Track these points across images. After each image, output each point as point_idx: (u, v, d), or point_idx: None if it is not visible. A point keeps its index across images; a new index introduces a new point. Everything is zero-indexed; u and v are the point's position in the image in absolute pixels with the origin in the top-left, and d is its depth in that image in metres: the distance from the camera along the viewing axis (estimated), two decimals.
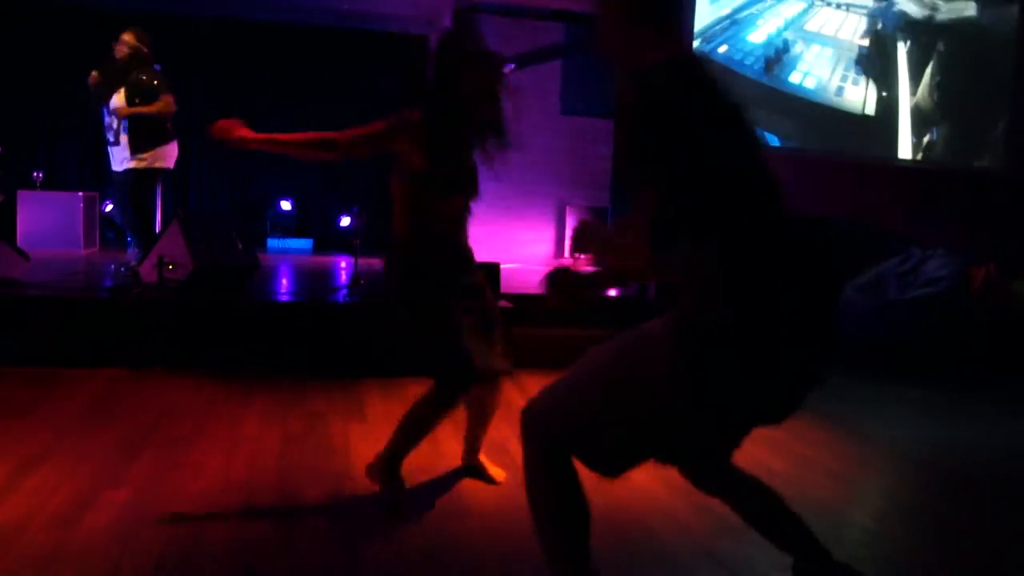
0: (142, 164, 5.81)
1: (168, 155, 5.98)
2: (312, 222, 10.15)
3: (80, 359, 4.78)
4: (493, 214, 9.01)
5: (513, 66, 9.35)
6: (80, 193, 8.25)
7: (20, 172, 8.20)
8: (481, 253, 8.92)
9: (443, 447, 3.66)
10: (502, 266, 5.56)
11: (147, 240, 5.69)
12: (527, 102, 9.54)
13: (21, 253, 5.60)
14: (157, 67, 6.00)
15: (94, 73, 5.87)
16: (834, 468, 3.67)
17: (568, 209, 9.00)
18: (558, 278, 1.87)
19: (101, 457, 3.32)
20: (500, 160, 3.11)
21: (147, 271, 5.23)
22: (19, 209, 8.05)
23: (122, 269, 5.94)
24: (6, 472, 3.09)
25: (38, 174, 8.30)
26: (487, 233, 8.99)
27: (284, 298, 5.67)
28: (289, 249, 9.48)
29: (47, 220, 8.01)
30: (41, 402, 4.09)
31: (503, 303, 5.32)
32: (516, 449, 3.58)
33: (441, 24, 9.42)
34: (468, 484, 3.22)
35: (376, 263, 7.53)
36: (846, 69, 9.16)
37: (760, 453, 3.79)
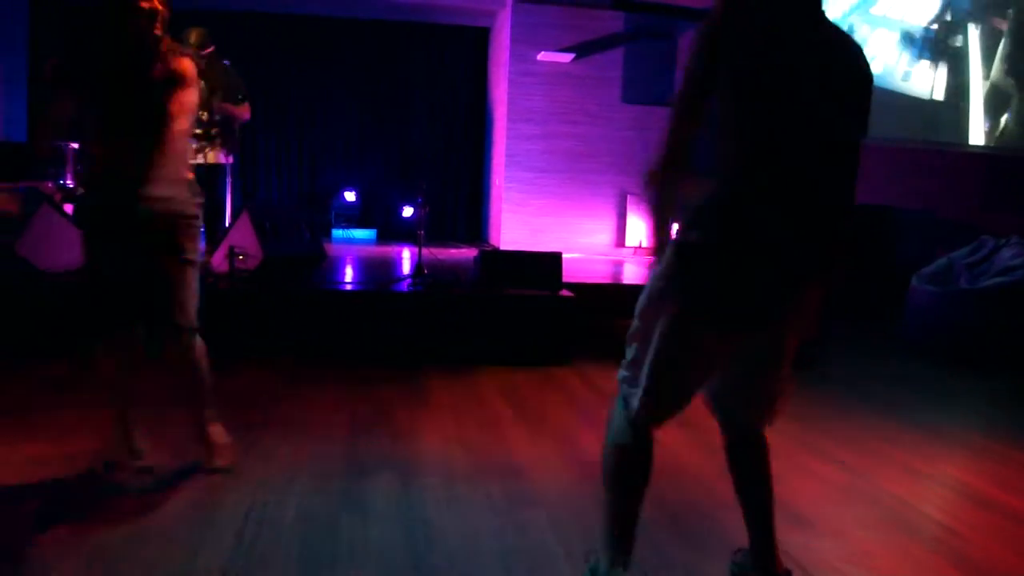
0: (212, 159, 5.89)
1: (232, 150, 6.08)
2: (375, 213, 10.31)
3: None
4: (553, 204, 9.04)
5: (573, 56, 9.32)
6: None
7: None
8: (542, 243, 8.99)
9: (509, 436, 3.70)
10: (564, 256, 5.57)
11: (216, 233, 5.83)
12: (587, 92, 9.57)
13: None
14: (226, 62, 6.12)
15: None
16: (906, 460, 3.62)
17: (629, 199, 8.97)
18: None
19: (180, 439, 3.44)
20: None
21: (218, 261, 5.38)
22: None
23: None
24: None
25: None
26: (548, 223, 9.05)
27: (350, 287, 5.77)
28: (353, 239, 9.65)
29: None
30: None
31: (565, 293, 5.34)
32: (584, 440, 3.63)
33: (502, 16, 9.46)
34: (535, 474, 3.25)
35: (440, 253, 7.64)
36: (913, 53, 8.93)
37: (827, 445, 3.77)
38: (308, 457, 3.31)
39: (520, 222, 9.01)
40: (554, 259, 5.38)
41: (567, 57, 8.89)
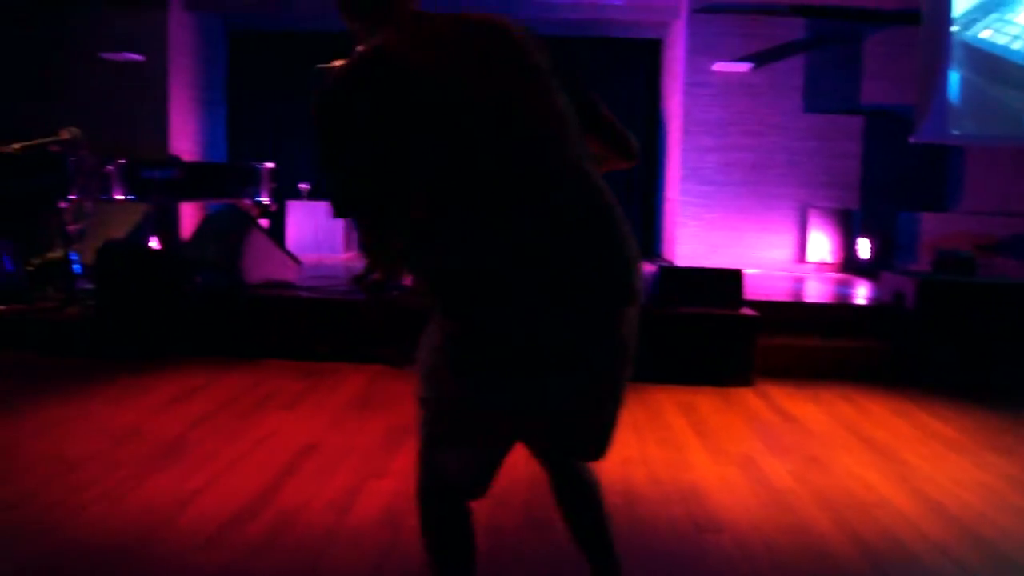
0: None
1: None
2: None
3: (344, 356, 5.23)
4: (731, 218, 8.79)
5: (752, 65, 9.06)
6: None
7: (289, 184, 9.06)
8: (719, 258, 8.75)
9: (691, 457, 3.61)
10: (747, 272, 5.39)
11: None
12: (767, 102, 9.27)
13: (294, 258, 6.18)
14: None
15: None
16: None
17: (811, 212, 8.58)
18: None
19: (367, 448, 3.58)
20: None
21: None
22: (288, 218, 8.91)
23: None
24: (288, 456, 3.42)
25: (305, 186, 9.13)
26: (725, 238, 8.81)
27: None
28: None
29: (312, 228, 8.80)
30: (312, 394, 4.50)
31: (746, 311, 5.16)
32: (767, 465, 3.49)
33: (675, 26, 9.33)
34: (720, 498, 3.15)
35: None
36: None
37: (953, 470, 3.43)
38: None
39: (696, 236, 8.81)
40: (735, 276, 5.22)
41: (745, 66, 8.64)
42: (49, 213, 6.40)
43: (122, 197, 6.56)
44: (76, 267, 6.05)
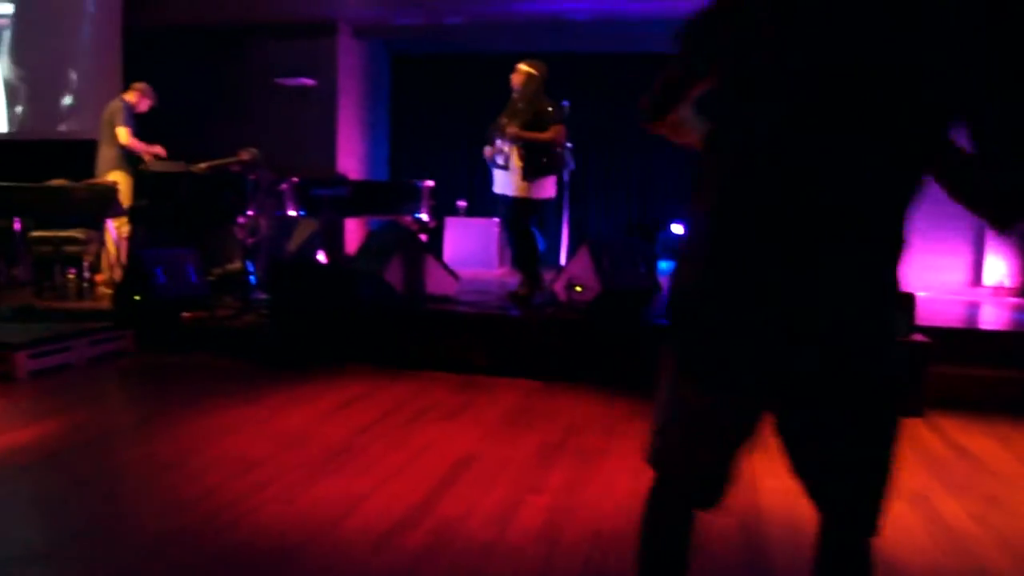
0: (521, 192, 5.87)
1: (547, 187, 5.98)
2: None
3: (500, 370, 5.33)
4: None
5: None
6: (496, 219, 9.18)
7: (447, 201, 9.34)
8: None
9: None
10: (918, 296, 5.11)
11: (527, 265, 5.96)
12: None
13: (452, 273, 6.36)
14: (565, 103, 6.34)
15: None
16: None
17: (988, 232, 8.03)
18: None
19: (522, 462, 3.64)
20: None
21: (560, 290, 5.63)
22: (445, 233, 9.19)
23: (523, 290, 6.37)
24: (446, 466, 3.52)
25: (462, 202, 9.39)
26: None
27: None
28: None
29: (468, 243, 9.04)
30: (470, 406, 4.61)
31: (918, 338, 4.89)
32: (943, 504, 3.28)
33: None
34: (890, 536, 2.98)
35: None
36: None
37: None
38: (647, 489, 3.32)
39: None
40: (907, 300, 4.95)
41: None
42: (229, 227, 6.88)
43: (294, 213, 6.97)
44: (252, 278, 6.47)
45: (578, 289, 5.35)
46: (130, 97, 7.32)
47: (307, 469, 3.46)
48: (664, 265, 9.79)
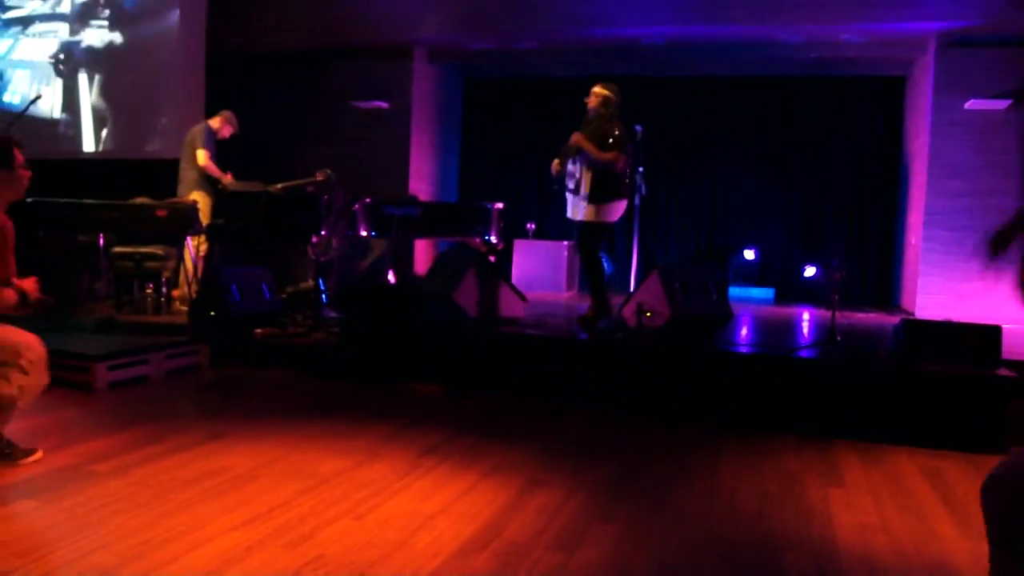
0: (590, 216, 5.84)
1: (615, 211, 5.93)
2: (774, 271, 10.04)
3: (567, 394, 5.28)
4: (982, 268, 8.06)
5: (1010, 102, 8.29)
6: (565, 242, 9.18)
7: (516, 223, 9.37)
8: (966, 311, 8.03)
9: (937, 528, 3.31)
10: (1004, 328, 4.91)
11: (596, 288, 5.91)
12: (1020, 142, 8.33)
13: (520, 295, 6.36)
14: (638, 128, 6.31)
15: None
16: None
17: None
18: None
19: (591, 488, 3.59)
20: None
21: (629, 316, 5.58)
22: (514, 256, 9.21)
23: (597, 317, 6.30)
24: (514, 491, 3.49)
25: (531, 225, 9.42)
26: (974, 289, 8.08)
27: (751, 350, 5.64)
28: (751, 298, 9.47)
29: (536, 266, 9.04)
30: (535, 429, 4.58)
31: (1004, 372, 4.70)
32: None
33: (922, 62, 8.76)
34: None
35: (844, 317, 7.19)
36: None
37: None
38: (718, 523, 3.25)
39: (940, 286, 8.16)
40: (992, 333, 4.77)
41: (1002, 104, 7.95)
42: (302, 247, 7.01)
43: (365, 233, 7.07)
44: (323, 297, 6.57)
45: (648, 315, 5.29)
46: (214, 123, 7.56)
47: (376, 486, 3.47)
48: (736, 291, 9.65)
